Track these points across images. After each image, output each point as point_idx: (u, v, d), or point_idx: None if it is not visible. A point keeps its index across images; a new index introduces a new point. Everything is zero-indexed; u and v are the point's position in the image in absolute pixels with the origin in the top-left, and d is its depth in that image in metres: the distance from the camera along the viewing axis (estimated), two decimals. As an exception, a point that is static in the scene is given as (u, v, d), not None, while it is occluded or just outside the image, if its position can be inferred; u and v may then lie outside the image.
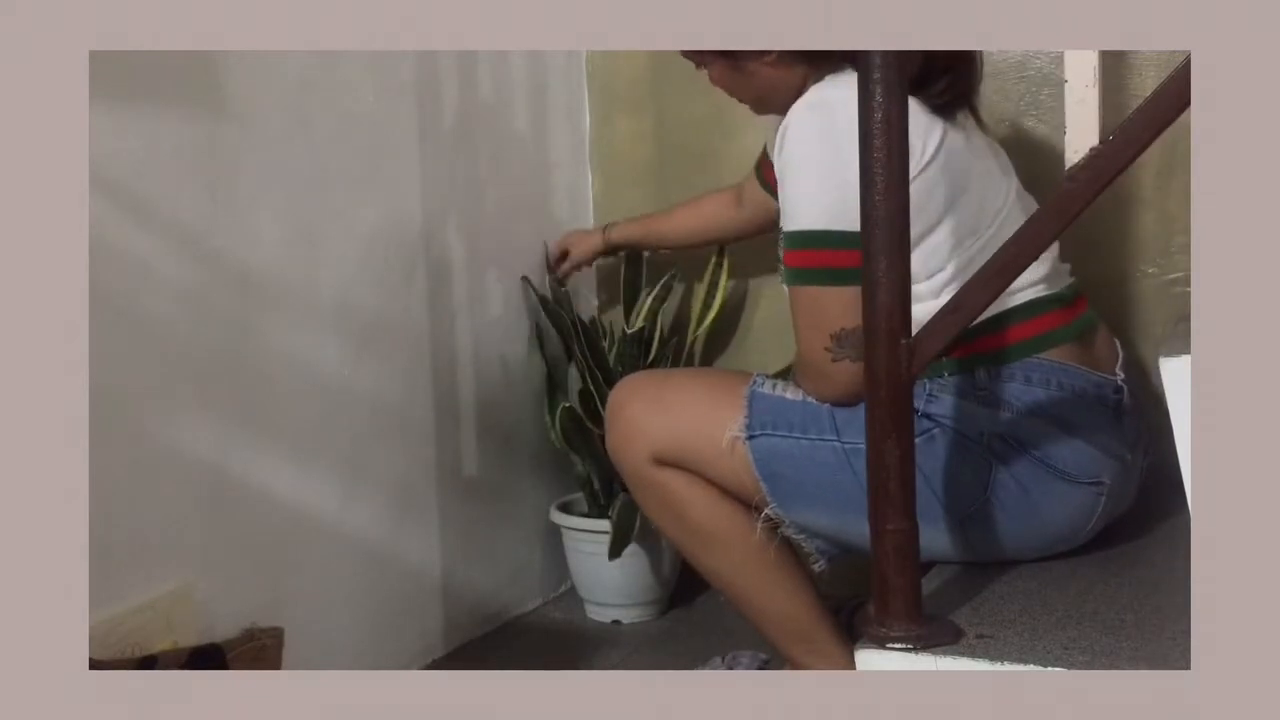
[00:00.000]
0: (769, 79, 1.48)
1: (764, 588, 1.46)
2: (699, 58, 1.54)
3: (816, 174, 1.33)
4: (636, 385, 1.49)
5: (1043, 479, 1.36)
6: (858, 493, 1.33)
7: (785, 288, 1.39)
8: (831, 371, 1.35)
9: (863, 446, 1.32)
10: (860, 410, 1.35)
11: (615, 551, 1.97)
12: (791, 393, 1.42)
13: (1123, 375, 1.46)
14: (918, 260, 1.33)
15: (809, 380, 1.41)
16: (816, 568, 1.46)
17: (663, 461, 1.43)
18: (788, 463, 1.38)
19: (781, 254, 1.38)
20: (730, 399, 1.40)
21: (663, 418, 1.42)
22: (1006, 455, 1.36)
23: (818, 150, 1.33)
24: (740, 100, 1.56)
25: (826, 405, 1.39)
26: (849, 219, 1.20)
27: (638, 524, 1.98)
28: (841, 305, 1.31)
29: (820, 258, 1.33)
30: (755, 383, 1.42)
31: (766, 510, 1.40)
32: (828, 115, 1.34)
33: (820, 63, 1.44)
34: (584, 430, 2.03)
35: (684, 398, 1.44)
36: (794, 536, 1.44)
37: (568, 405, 2.02)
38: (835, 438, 1.38)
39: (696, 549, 1.47)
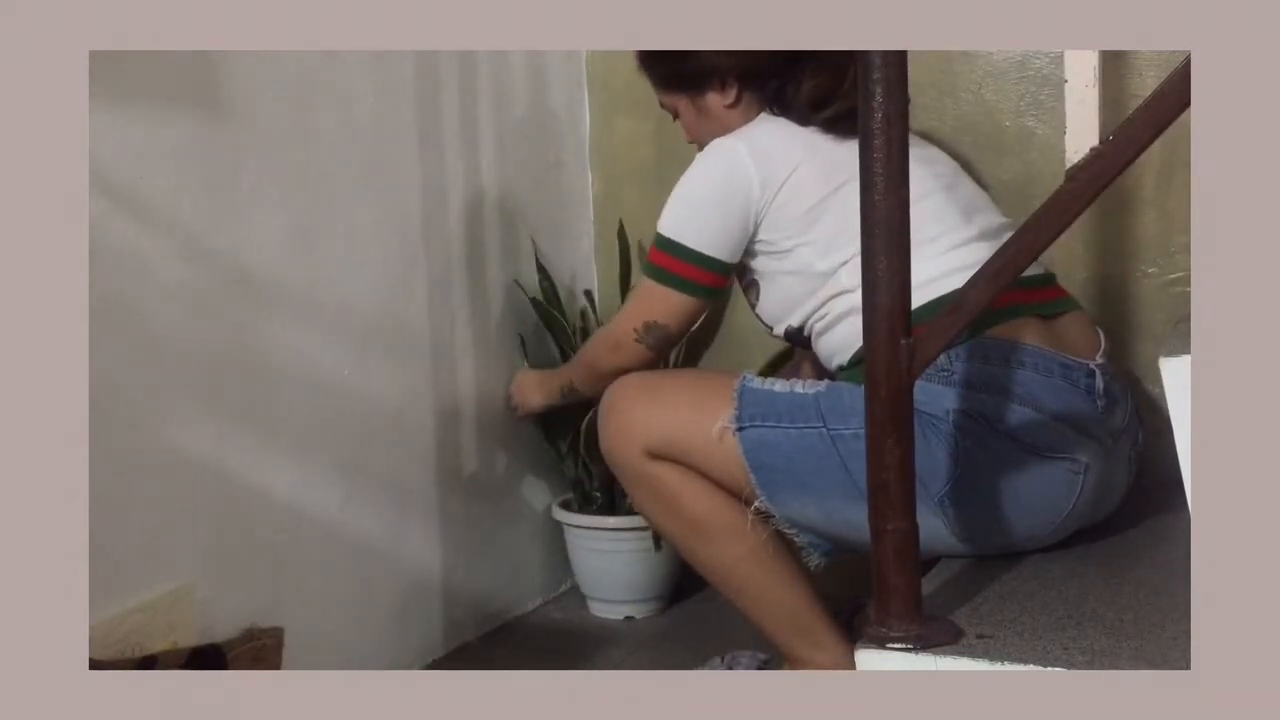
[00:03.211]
0: (725, 120, 1.63)
1: (759, 580, 1.47)
2: (671, 104, 1.71)
3: (690, 196, 1.58)
4: (629, 384, 1.52)
5: (1013, 454, 1.38)
6: (843, 479, 1.37)
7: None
8: (627, 348, 1.64)
9: (846, 433, 1.38)
10: (843, 397, 1.40)
11: (659, 543, 1.98)
12: (780, 386, 1.45)
13: (1101, 363, 1.47)
14: (814, 253, 1.52)
15: (602, 346, 1.70)
16: (813, 565, 1.47)
17: (656, 455, 1.45)
18: (776, 453, 1.40)
19: (651, 248, 1.62)
20: (721, 393, 1.43)
21: (655, 412, 1.46)
22: (973, 431, 1.37)
23: (698, 179, 1.58)
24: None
25: (812, 394, 1.43)
26: (702, 242, 1.55)
27: None
28: (667, 306, 1.60)
29: (670, 263, 1.58)
30: (745, 378, 1.46)
31: (756, 503, 1.42)
32: (716, 156, 1.57)
33: (768, 104, 1.61)
34: None
35: (676, 393, 1.48)
36: (786, 531, 1.45)
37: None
38: (821, 424, 1.40)
39: (692, 542, 1.49)
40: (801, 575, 1.48)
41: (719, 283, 1.60)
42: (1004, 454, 1.38)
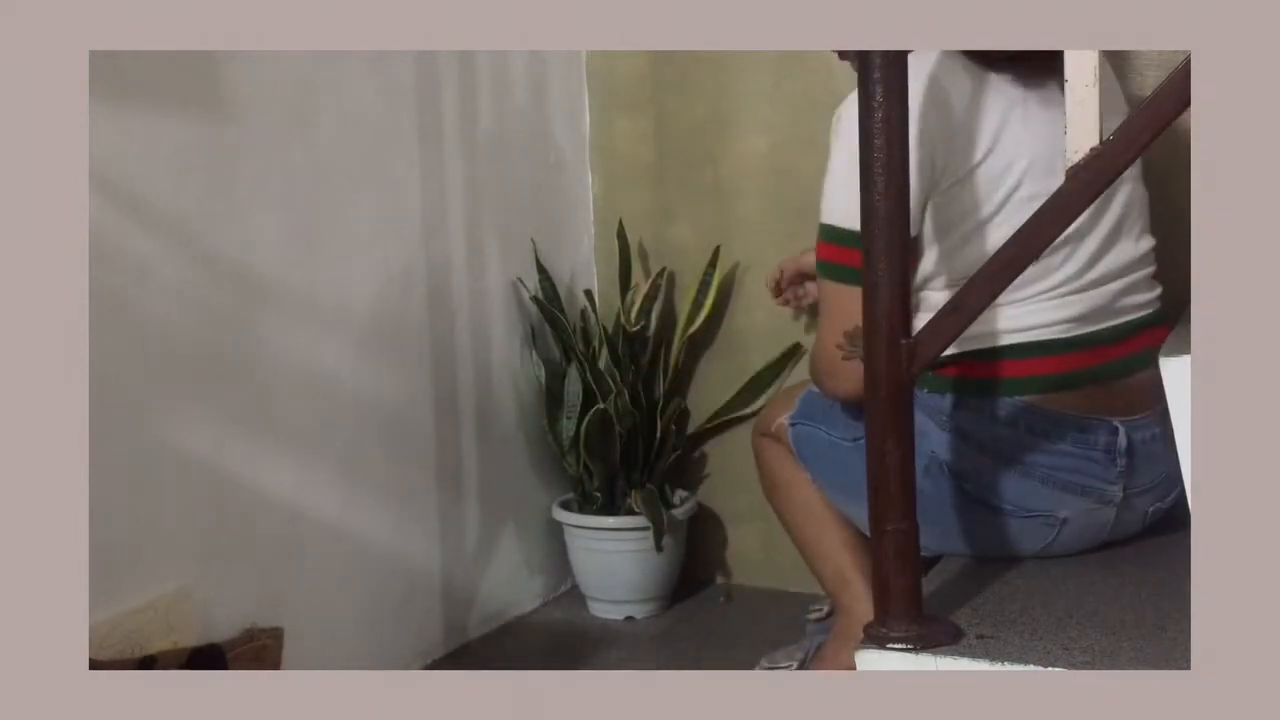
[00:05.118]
0: None
1: (810, 531, 1.63)
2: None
3: (850, 173, 1.25)
4: (780, 391, 1.88)
5: (974, 510, 1.42)
6: (843, 480, 1.49)
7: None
8: (840, 369, 1.34)
9: (845, 444, 1.45)
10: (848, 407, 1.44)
11: (660, 543, 2.02)
12: None
13: (1140, 418, 1.41)
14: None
15: (820, 375, 1.47)
16: None
17: (767, 435, 1.68)
18: (812, 446, 1.58)
19: (816, 244, 1.41)
20: (801, 391, 1.62)
21: (774, 409, 1.69)
22: (941, 479, 1.40)
23: (850, 148, 1.27)
24: None
25: (836, 403, 1.50)
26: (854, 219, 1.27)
27: (664, 513, 2.05)
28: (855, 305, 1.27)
29: (849, 256, 1.32)
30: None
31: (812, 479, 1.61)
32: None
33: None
34: (608, 432, 2.04)
35: (789, 395, 1.68)
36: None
37: (601, 408, 2.02)
38: (839, 435, 1.51)
39: (769, 492, 1.70)
40: (848, 535, 1.58)
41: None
42: (964, 508, 1.42)
